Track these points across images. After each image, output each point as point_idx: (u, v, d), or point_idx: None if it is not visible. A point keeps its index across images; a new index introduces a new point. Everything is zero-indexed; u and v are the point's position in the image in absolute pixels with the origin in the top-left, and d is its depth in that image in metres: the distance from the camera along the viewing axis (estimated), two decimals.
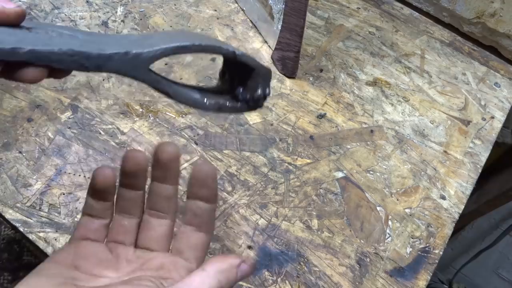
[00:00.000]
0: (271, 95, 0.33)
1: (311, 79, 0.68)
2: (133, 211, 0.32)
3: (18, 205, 0.48)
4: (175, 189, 0.32)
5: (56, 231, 0.47)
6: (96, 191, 0.30)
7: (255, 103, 0.33)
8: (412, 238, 0.54)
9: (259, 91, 0.33)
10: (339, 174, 0.58)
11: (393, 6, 0.84)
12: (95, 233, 0.31)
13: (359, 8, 0.82)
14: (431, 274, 0.52)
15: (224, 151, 0.57)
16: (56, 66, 0.25)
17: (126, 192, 0.31)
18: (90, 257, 0.28)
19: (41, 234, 0.46)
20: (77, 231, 0.31)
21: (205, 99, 0.31)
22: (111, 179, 0.30)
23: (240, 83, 0.33)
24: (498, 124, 0.69)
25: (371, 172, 0.59)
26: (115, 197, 0.32)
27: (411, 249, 0.53)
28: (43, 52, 0.25)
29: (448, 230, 0.56)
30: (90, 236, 0.30)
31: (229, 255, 0.27)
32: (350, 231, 0.53)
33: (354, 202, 0.56)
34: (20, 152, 0.52)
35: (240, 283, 0.47)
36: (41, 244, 0.46)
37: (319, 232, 0.52)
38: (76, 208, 0.49)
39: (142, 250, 0.31)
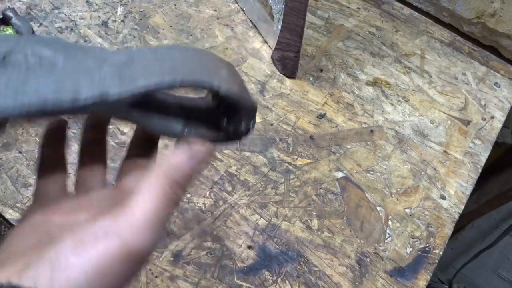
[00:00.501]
0: (254, 128, 0.31)
1: (311, 79, 0.68)
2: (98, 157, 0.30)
3: (18, 205, 0.48)
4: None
5: None
6: (49, 137, 0.29)
7: (236, 136, 0.32)
8: (412, 238, 0.54)
9: (242, 127, 0.31)
10: (339, 174, 0.58)
11: (393, 6, 0.84)
12: (56, 188, 0.29)
13: (359, 8, 0.82)
14: (431, 274, 0.52)
15: (224, 151, 0.57)
16: (21, 120, 0.24)
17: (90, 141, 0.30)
18: (59, 210, 0.27)
19: None
20: (37, 193, 0.29)
21: (185, 130, 0.30)
22: (62, 122, 0.29)
23: (224, 113, 0.31)
24: (498, 124, 0.69)
25: (371, 172, 0.59)
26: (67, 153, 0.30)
27: (411, 249, 0.53)
28: (8, 109, 0.23)
29: (448, 230, 0.56)
30: (53, 192, 0.29)
31: (176, 149, 0.24)
32: (350, 231, 0.53)
33: (354, 202, 0.56)
34: (20, 152, 0.52)
35: (240, 282, 0.47)
36: None
37: (319, 232, 0.52)
38: None
39: (116, 189, 0.30)
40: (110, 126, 0.56)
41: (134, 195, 0.22)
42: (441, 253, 0.54)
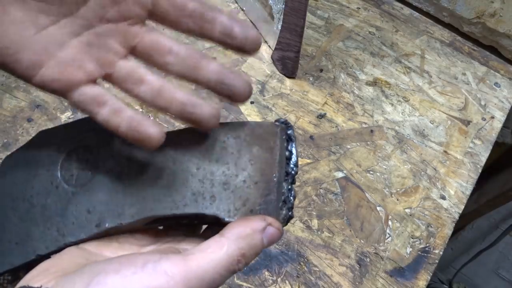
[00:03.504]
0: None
1: (311, 79, 0.68)
2: None
3: None
4: None
5: None
6: None
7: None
8: (412, 238, 0.54)
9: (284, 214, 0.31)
10: (339, 174, 0.58)
11: (393, 6, 0.84)
12: None
13: (359, 8, 0.82)
14: (431, 274, 0.52)
15: None
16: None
17: None
18: (113, 243, 0.27)
19: None
20: None
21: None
22: None
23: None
24: (498, 124, 0.69)
25: (371, 172, 0.59)
26: None
27: (411, 249, 0.53)
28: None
29: (448, 230, 0.56)
30: None
31: (252, 218, 0.23)
32: (350, 231, 0.53)
33: (354, 202, 0.56)
34: None
35: (240, 282, 0.47)
36: None
37: (319, 232, 0.52)
38: None
39: (166, 231, 0.29)
40: None
41: (196, 250, 0.21)
42: (441, 253, 0.54)
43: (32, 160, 0.28)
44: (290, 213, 0.26)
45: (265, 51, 0.70)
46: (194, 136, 0.26)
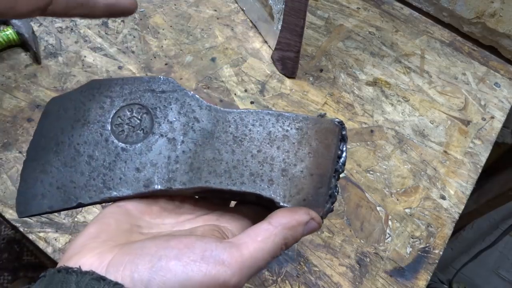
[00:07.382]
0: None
1: (311, 79, 0.68)
2: None
3: None
4: None
5: (56, 231, 0.47)
6: None
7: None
8: (412, 238, 0.54)
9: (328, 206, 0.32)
10: None
11: (393, 6, 0.84)
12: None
13: (359, 8, 0.82)
14: (431, 274, 0.52)
15: None
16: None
17: None
18: (149, 209, 0.28)
19: (41, 234, 0.46)
20: None
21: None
22: None
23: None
24: (498, 124, 0.69)
25: (371, 172, 0.59)
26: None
27: (411, 249, 0.53)
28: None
29: (448, 230, 0.56)
30: None
31: (297, 210, 0.25)
32: (350, 231, 0.53)
33: (354, 202, 0.56)
34: (20, 152, 0.52)
35: None
36: (41, 244, 0.46)
37: (319, 232, 0.52)
38: None
39: (204, 202, 0.30)
40: None
41: (247, 237, 0.23)
42: (441, 253, 0.54)
43: (81, 107, 0.28)
44: (332, 207, 0.28)
45: (265, 51, 0.70)
46: (258, 119, 0.27)
